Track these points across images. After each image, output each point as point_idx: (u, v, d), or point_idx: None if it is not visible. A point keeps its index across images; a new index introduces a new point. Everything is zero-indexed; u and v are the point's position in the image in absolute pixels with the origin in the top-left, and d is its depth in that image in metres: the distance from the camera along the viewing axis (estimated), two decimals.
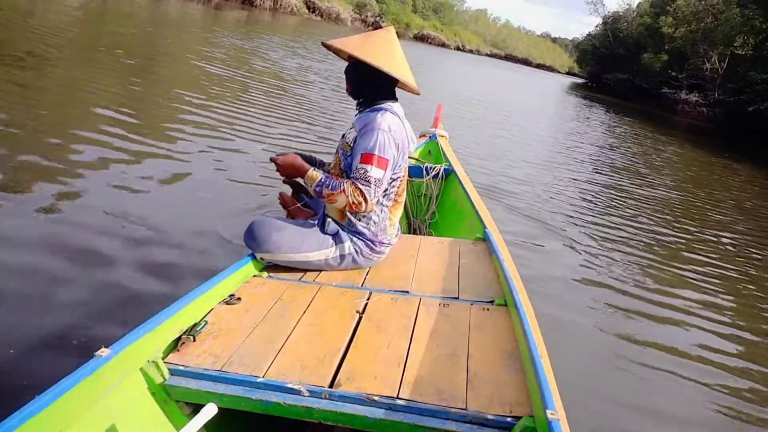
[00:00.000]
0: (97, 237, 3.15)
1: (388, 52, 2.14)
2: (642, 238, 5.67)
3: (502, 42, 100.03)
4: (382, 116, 2.13)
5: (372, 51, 2.10)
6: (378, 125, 2.10)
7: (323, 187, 2.10)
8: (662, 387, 2.99)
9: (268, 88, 9.06)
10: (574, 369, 2.91)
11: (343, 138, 2.26)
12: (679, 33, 32.55)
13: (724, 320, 4.02)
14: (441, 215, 3.54)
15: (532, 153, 9.81)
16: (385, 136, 2.10)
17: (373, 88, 2.20)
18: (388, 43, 2.17)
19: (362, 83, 2.21)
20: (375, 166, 2.08)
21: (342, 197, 2.08)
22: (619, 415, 2.68)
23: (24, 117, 4.80)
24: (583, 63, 63.31)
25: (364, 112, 2.23)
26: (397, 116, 2.20)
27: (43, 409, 1.19)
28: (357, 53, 2.08)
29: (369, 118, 2.15)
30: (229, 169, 4.75)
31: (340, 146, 2.26)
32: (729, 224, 7.40)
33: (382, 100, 2.22)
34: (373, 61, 2.06)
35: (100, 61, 8.08)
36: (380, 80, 2.15)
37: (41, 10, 12.47)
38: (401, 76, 2.13)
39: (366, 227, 2.24)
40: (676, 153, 14.92)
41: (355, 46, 2.12)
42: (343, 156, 2.22)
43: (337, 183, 2.09)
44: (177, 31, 15.33)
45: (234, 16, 26.78)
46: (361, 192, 2.08)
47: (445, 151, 4.10)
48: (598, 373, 3.01)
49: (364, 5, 56.21)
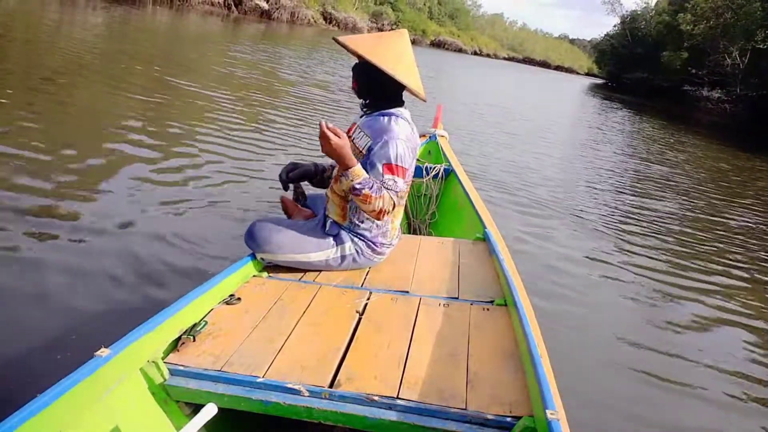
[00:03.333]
0: (97, 237, 3.20)
1: (399, 56, 2.11)
2: (647, 239, 5.57)
3: (520, 45, 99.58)
4: (396, 123, 2.12)
5: (383, 54, 2.07)
6: (396, 134, 2.09)
7: (365, 187, 2.00)
8: (663, 387, 2.94)
9: (279, 99, 9.15)
10: (574, 369, 2.87)
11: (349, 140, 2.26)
12: (698, 30, 31.99)
13: (725, 322, 3.91)
14: (441, 215, 3.54)
15: (548, 153, 9.74)
16: (404, 146, 2.10)
17: (380, 90, 2.19)
18: (399, 47, 2.14)
19: (370, 85, 2.19)
20: (400, 177, 2.08)
21: (379, 202, 2.03)
22: (620, 416, 2.63)
23: (46, 128, 4.93)
24: (602, 63, 62.66)
25: (372, 115, 2.22)
26: (408, 123, 2.19)
27: (43, 409, 1.20)
28: (368, 56, 2.05)
29: (381, 125, 2.14)
30: (233, 173, 4.81)
31: None
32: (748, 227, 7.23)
33: (391, 104, 2.21)
34: (384, 66, 2.04)
35: (122, 76, 8.25)
36: (388, 84, 2.13)
37: (66, 29, 12.80)
38: (409, 82, 2.11)
39: (368, 229, 2.24)
40: (697, 150, 14.65)
41: (366, 48, 2.09)
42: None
43: (377, 187, 2.03)
44: (198, 44, 15.60)
45: (253, 28, 27.14)
46: (392, 202, 2.08)
47: (445, 151, 4.10)
48: (598, 373, 2.96)
49: (380, 14, 56.51)
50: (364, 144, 2.16)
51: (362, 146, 2.17)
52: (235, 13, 34.65)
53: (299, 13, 40.32)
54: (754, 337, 3.74)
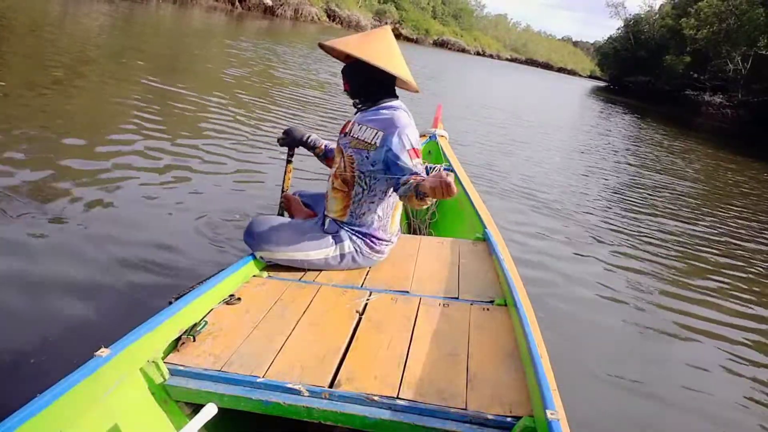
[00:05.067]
0: (97, 236, 3.19)
1: (388, 50, 2.16)
2: (649, 240, 5.57)
3: (523, 47, 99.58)
4: (401, 113, 2.18)
5: (372, 51, 2.11)
6: (406, 122, 2.14)
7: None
8: (663, 387, 2.94)
9: (285, 97, 9.15)
10: (574, 369, 2.88)
11: (349, 136, 2.24)
12: (702, 34, 32.03)
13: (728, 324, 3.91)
14: (441, 215, 3.52)
15: (549, 155, 9.76)
16: (415, 131, 2.17)
17: (374, 86, 2.22)
18: (386, 42, 2.19)
19: (363, 82, 2.22)
20: (419, 159, 2.14)
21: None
22: (620, 415, 2.64)
23: (51, 124, 4.92)
24: (605, 66, 62.78)
25: (371, 110, 2.24)
26: (407, 112, 2.23)
27: (43, 409, 1.20)
28: (358, 54, 2.09)
29: (387, 116, 2.17)
30: (236, 173, 4.81)
31: (349, 144, 2.23)
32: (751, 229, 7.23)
33: (388, 98, 2.25)
34: (375, 61, 2.08)
35: (125, 71, 8.25)
36: (382, 79, 2.18)
37: (70, 24, 12.80)
38: (401, 74, 2.15)
39: (369, 223, 2.25)
40: (698, 155, 14.65)
41: (354, 47, 2.13)
42: (357, 153, 2.18)
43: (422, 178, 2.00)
44: (201, 40, 15.60)
45: (256, 25, 27.14)
46: None
47: (445, 151, 4.09)
48: (598, 373, 2.96)
49: (383, 12, 56.58)
50: (372, 136, 2.15)
51: (370, 138, 2.16)
52: (239, 9, 34.67)
53: (303, 9, 40.36)
54: (757, 337, 3.76)
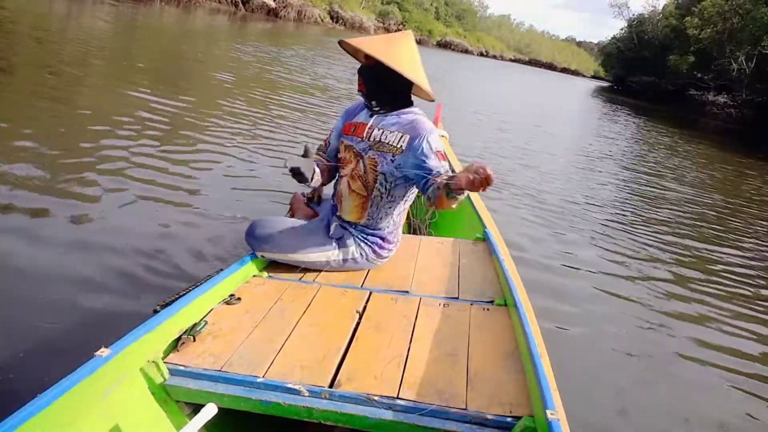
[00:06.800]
0: (96, 236, 3.19)
1: (411, 57, 2.13)
2: (651, 241, 5.55)
3: (526, 47, 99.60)
4: (424, 118, 2.18)
5: (397, 57, 2.07)
6: (431, 127, 2.15)
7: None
8: (663, 387, 2.94)
9: (285, 97, 9.15)
10: (574, 369, 2.87)
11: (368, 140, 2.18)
12: (705, 34, 31.90)
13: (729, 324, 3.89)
14: (441, 215, 3.52)
15: (551, 156, 9.74)
16: (439, 136, 2.18)
17: (392, 92, 2.19)
18: (410, 49, 2.15)
19: (383, 86, 2.18)
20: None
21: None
22: (620, 415, 2.63)
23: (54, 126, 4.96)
24: (609, 66, 62.66)
25: (392, 114, 2.20)
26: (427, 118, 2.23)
27: (43, 409, 1.20)
28: (385, 59, 2.04)
29: (410, 121, 2.15)
30: (237, 174, 4.82)
31: (370, 148, 2.18)
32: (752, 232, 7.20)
33: (405, 104, 2.23)
34: (401, 69, 2.04)
35: (127, 73, 8.27)
36: (403, 84, 2.16)
37: (74, 27, 12.83)
38: (424, 84, 2.13)
39: (385, 226, 2.26)
40: (702, 155, 14.62)
41: (381, 52, 2.07)
42: (381, 156, 2.15)
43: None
44: (205, 42, 15.63)
45: (259, 27, 27.16)
46: None
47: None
48: (598, 372, 2.96)
49: (387, 14, 56.59)
50: (398, 139, 2.13)
51: (395, 142, 2.13)
52: (242, 10, 34.68)
53: (306, 11, 40.36)
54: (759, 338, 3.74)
